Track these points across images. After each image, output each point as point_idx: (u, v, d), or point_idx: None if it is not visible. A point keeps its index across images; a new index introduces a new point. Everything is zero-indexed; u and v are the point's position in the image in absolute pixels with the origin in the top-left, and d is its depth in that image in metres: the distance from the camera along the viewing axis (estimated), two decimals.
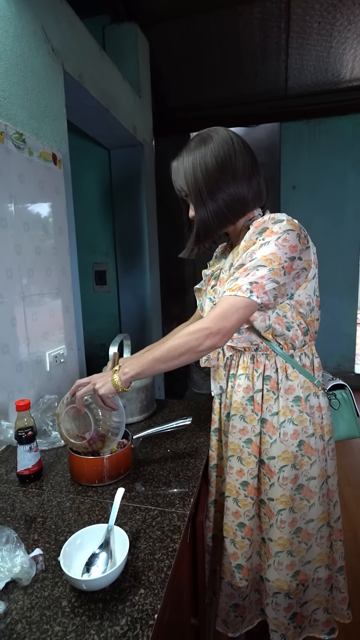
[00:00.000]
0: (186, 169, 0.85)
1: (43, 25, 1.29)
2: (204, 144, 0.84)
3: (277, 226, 0.80)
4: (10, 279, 1.14)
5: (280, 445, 0.90)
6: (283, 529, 0.90)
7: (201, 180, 0.84)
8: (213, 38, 2.50)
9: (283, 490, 0.90)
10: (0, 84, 1.09)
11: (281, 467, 0.90)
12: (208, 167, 0.83)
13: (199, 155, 0.84)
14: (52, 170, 1.35)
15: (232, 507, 0.95)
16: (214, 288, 0.97)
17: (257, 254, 0.79)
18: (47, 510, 0.81)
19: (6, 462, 1.02)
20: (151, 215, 2.53)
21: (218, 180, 0.83)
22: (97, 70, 1.72)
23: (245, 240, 0.85)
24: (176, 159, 0.88)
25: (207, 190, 0.84)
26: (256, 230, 0.83)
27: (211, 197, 0.84)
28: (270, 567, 0.93)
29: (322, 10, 2.33)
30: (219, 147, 0.83)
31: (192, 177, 0.84)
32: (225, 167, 0.83)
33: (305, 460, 0.90)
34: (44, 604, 0.59)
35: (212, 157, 0.83)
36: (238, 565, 0.96)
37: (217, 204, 0.85)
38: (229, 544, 0.96)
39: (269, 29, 2.44)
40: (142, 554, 0.68)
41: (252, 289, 0.76)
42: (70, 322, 1.49)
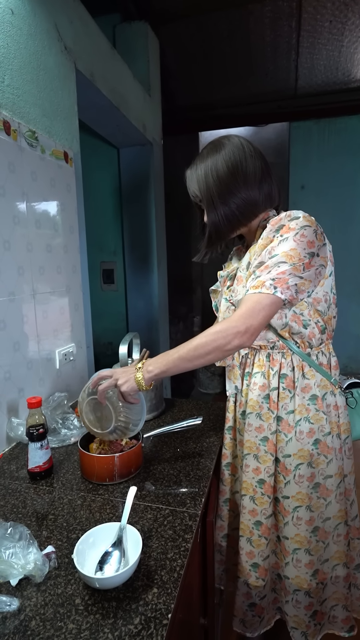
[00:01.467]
0: (199, 176, 0.89)
1: (56, 23, 1.29)
2: (216, 151, 0.88)
3: (294, 222, 0.81)
4: (21, 277, 1.14)
5: (296, 444, 0.90)
6: (300, 526, 0.91)
7: (212, 185, 0.87)
8: (223, 37, 2.49)
9: (299, 488, 0.90)
10: (14, 82, 1.09)
11: (297, 465, 0.90)
12: (219, 173, 0.86)
13: (211, 161, 0.87)
14: (63, 169, 1.35)
15: (248, 506, 0.95)
16: (230, 288, 0.98)
17: (276, 250, 0.80)
18: (59, 508, 0.81)
19: (17, 459, 1.03)
20: (159, 214, 2.53)
21: (229, 185, 0.86)
22: (108, 69, 1.72)
23: (262, 239, 0.85)
24: (190, 167, 0.92)
25: (218, 194, 0.87)
26: (273, 228, 0.84)
27: (222, 201, 0.87)
28: (288, 564, 0.93)
29: (333, 9, 2.31)
30: (230, 153, 0.87)
31: (204, 182, 0.88)
32: (236, 172, 0.86)
33: (321, 459, 0.91)
34: (57, 601, 0.59)
35: (223, 162, 0.86)
36: (254, 564, 0.96)
37: (229, 208, 0.88)
38: (245, 543, 0.96)
39: (280, 27, 2.43)
40: (155, 553, 0.68)
41: (276, 285, 0.77)
42: (79, 320, 1.49)
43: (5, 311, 1.08)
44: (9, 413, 1.10)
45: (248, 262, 0.91)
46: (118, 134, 2.14)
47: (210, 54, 2.62)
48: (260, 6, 2.29)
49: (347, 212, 3.30)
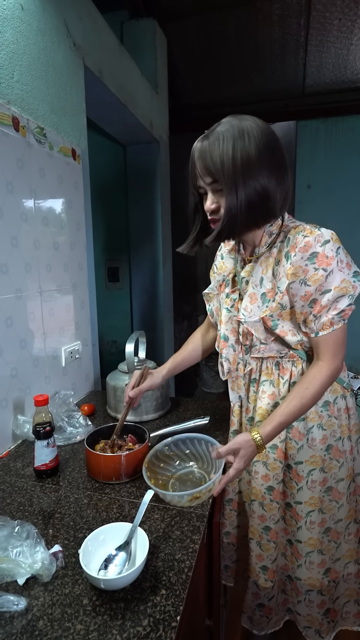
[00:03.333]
0: (224, 148, 0.73)
1: (65, 19, 1.28)
2: (243, 127, 0.74)
3: (328, 249, 0.75)
4: (28, 274, 1.14)
5: (308, 450, 0.89)
6: (313, 529, 0.91)
7: (239, 164, 0.73)
8: (231, 35, 2.47)
9: (312, 493, 0.90)
10: (23, 77, 1.09)
11: (309, 471, 0.89)
12: (249, 152, 0.73)
13: (239, 135, 0.73)
14: (71, 166, 1.34)
15: (257, 511, 0.95)
16: (229, 297, 0.92)
17: (327, 286, 0.76)
18: (65, 507, 0.81)
19: (22, 457, 1.02)
20: (165, 212, 2.52)
21: (256, 169, 0.73)
22: (117, 66, 1.71)
23: (292, 265, 0.77)
24: (205, 139, 0.76)
25: (243, 175, 0.73)
26: (304, 255, 0.76)
27: (245, 186, 0.74)
28: (301, 566, 0.93)
29: (343, 7, 2.29)
30: (261, 133, 0.74)
31: (231, 157, 0.73)
32: (264, 158, 0.74)
33: (334, 464, 0.90)
34: (65, 601, 0.59)
35: (252, 141, 0.73)
36: (263, 567, 0.96)
37: (250, 197, 0.75)
38: (255, 546, 0.97)
39: (289, 25, 2.41)
40: (162, 554, 0.68)
41: (343, 317, 0.79)
42: (85, 318, 1.49)
43: (13, 308, 1.07)
44: (15, 410, 1.10)
45: (261, 278, 0.84)
46: (125, 131, 2.13)
47: (218, 52, 2.60)
48: (269, 3, 2.27)
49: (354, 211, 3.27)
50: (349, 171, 3.23)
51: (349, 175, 3.24)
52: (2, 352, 1.04)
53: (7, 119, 1.02)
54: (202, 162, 0.76)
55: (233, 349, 0.93)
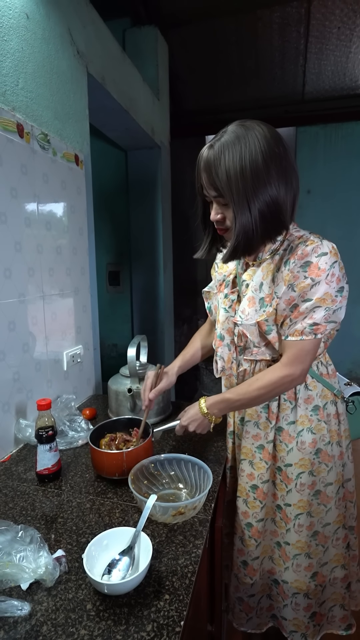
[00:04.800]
0: (230, 161, 0.71)
1: (69, 27, 1.30)
2: (247, 135, 0.72)
3: (323, 261, 0.76)
4: (31, 278, 1.15)
5: (297, 454, 0.91)
6: (301, 532, 0.92)
7: (249, 177, 0.71)
8: (232, 42, 2.50)
9: (300, 496, 0.91)
10: (28, 85, 1.10)
11: (298, 474, 0.91)
12: (256, 162, 0.71)
13: (244, 145, 0.71)
14: (74, 171, 1.35)
15: (241, 507, 0.98)
16: (227, 297, 0.94)
17: (309, 295, 0.78)
18: (67, 511, 0.81)
19: (24, 461, 1.03)
20: (166, 216, 2.53)
21: (267, 180, 0.72)
22: (119, 73, 1.73)
23: (289, 271, 0.79)
24: (210, 148, 0.74)
25: (254, 188, 0.72)
26: (298, 262, 0.78)
27: (257, 200, 0.73)
28: (288, 569, 0.95)
29: (342, 16, 2.32)
30: (267, 141, 0.72)
31: (239, 171, 0.71)
32: (274, 166, 0.73)
33: (322, 467, 0.92)
34: (68, 606, 0.59)
35: (258, 150, 0.71)
36: (244, 562, 0.98)
37: (261, 210, 0.75)
38: (237, 541, 0.99)
39: (288, 33, 2.44)
40: (165, 559, 0.68)
41: (315, 331, 0.80)
42: (87, 322, 1.49)
43: (15, 312, 1.08)
44: (17, 414, 1.10)
45: (261, 283, 0.85)
46: (127, 136, 2.15)
47: (218, 58, 2.63)
48: (269, 12, 2.31)
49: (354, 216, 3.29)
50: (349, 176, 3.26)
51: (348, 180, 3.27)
52: (5, 356, 1.04)
53: (11, 125, 1.03)
54: (208, 175, 0.75)
55: (228, 349, 0.96)
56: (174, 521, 0.76)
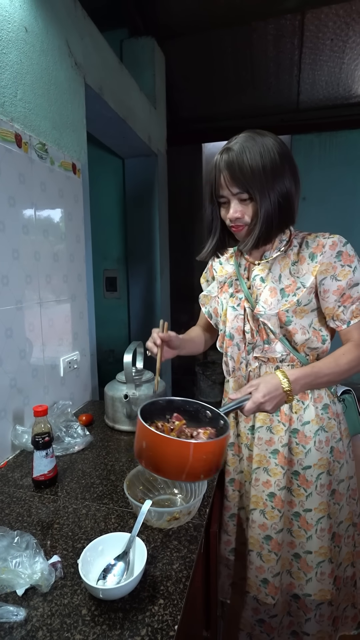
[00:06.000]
0: (255, 153, 0.79)
1: (67, 40, 1.33)
2: (261, 137, 0.82)
3: (349, 248, 0.86)
4: (29, 285, 1.16)
5: (316, 454, 0.91)
6: (323, 537, 0.91)
7: (269, 167, 0.79)
8: (227, 52, 2.55)
9: (321, 498, 0.91)
10: (26, 96, 1.12)
11: (318, 475, 0.91)
12: (273, 156, 0.80)
13: (261, 141, 0.81)
14: (71, 180, 1.37)
15: (258, 520, 0.95)
16: (234, 296, 0.96)
17: (356, 280, 0.84)
18: (64, 517, 0.82)
19: (21, 467, 1.03)
20: (163, 223, 2.55)
21: (283, 172, 0.81)
22: (116, 83, 1.76)
23: (319, 264, 0.85)
24: (229, 151, 0.81)
25: (273, 178, 0.80)
26: (332, 252, 0.84)
27: (276, 189, 0.81)
28: (310, 580, 0.92)
29: (335, 28, 2.37)
30: (278, 143, 0.82)
31: (261, 161, 0.79)
32: (286, 162, 0.82)
33: (336, 465, 0.93)
34: (64, 611, 0.59)
35: (273, 145, 0.81)
36: (264, 580, 0.95)
37: (279, 200, 0.82)
38: (255, 557, 0.95)
39: (283, 44, 2.49)
40: (160, 564, 0.68)
41: None
42: (84, 328, 1.50)
43: (13, 319, 1.09)
44: (14, 420, 1.10)
45: (279, 275, 0.89)
46: (124, 145, 2.18)
47: (214, 68, 2.68)
48: (264, 24, 2.35)
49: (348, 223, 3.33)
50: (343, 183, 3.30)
51: (342, 187, 3.31)
52: (2, 362, 1.05)
53: (10, 135, 1.05)
54: (231, 173, 0.81)
55: (237, 348, 0.96)
56: (169, 526, 0.77)
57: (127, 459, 1.07)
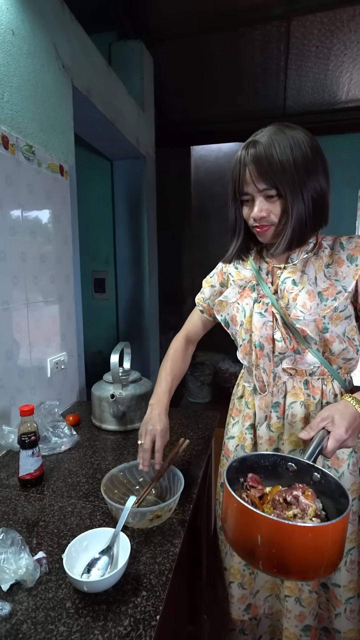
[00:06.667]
0: (285, 146, 0.72)
1: (55, 43, 1.34)
2: (290, 129, 0.75)
3: None
4: (16, 286, 1.16)
5: (349, 477, 0.83)
6: (353, 570, 0.83)
7: (301, 162, 0.72)
8: (215, 57, 2.58)
9: (352, 527, 0.82)
10: (13, 98, 1.13)
11: (351, 500, 0.78)
12: (304, 150, 0.72)
13: (291, 135, 0.73)
14: (59, 181, 1.38)
15: None
16: (259, 301, 0.85)
17: None
18: (49, 515, 0.83)
19: (7, 467, 1.03)
20: (151, 225, 2.57)
21: (315, 169, 0.74)
22: (104, 86, 1.77)
23: (357, 265, 0.79)
24: (256, 145, 0.74)
25: (306, 175, 0.73)
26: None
27: (308, 187, 0.74)
28: (339, 616, 0.84)
29: (320, 35, 2.43)
30: (309, 137, 0.76)
31: (292, 164, 0.72)
32: (319, 160, 0.75)
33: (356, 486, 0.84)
34: (48, 605, 0.60)
35: (304, 141, 0.73)
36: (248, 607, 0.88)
37: (313, 199, 0.75)
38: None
39: (269, 50, 2.53)
40: (144, 558, 0.70)
41: None
42: (71, 329, 1.51)
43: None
44: (1, 421, 1.11)
45: (315, 277, 0.81)
46: (112, 147, 2.19)
47: (203, 72, 2.71)
48: (251, 30, 2.40)
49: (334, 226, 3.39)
50: None
51: None
52: None
53: None
54: (258, 167, 0.73)
55: (268, 359, 0.84)
56: (151, 525, 0.79)
57: (113, 458, 1.08)
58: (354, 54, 2.51)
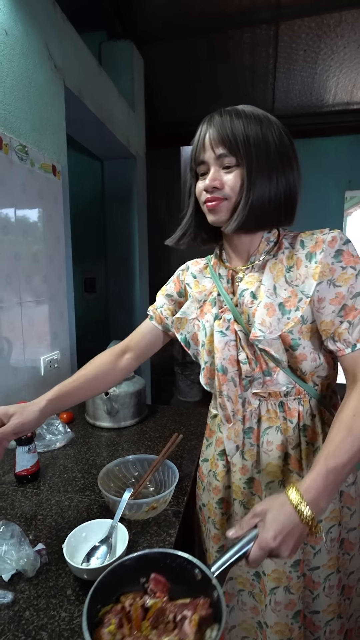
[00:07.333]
0: (249, 127, 0.64)
1: (47, 43, 1.35)
2: (268, 115, 0.67)
3: (352, 248, 0.67)
4: (9, 285, 1.17)
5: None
6: (332, 594, 0.76)
7: (272, 141, 0.64)
8: (204, 59, 2.61)
9: (329, 555, 0.75)
10: (6, 98, 1.14)
11: (329, 528, 0.74)
12: (278, 137, 0.65)
13: (265, 119, 0.66)
14: (51, 181, 1.39)
15: (249, 602, 0.81)
16: (220, 317, 0.73)
17: (359, 288, 0.65)
18: (47, 509, 0.85)
19: (2, 464, 1.04)
20: (142, 224, 2.59)
21: (289, 157, 0.66)
22: (95, 86, 1.79)
23: (319, 264, 0.65)
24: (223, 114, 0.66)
25: (279, 155, 0.65)
26: (331, 251, 0.65)
27: (279, 169, 0.65)
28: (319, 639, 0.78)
29: (307, 40, 2.48)
30: (285, 130, 0.68)
31: (261, 138, 0.64)
32: (293, 153, 0.67)
33: (345, 512, 0.76)
34: (49, 593, 0.63)
35: (279, 129, 0.66)
36: None
37: (281, 184, 0.66)
38: None
39: (258, 53, 2.58)
40: (141, 547, 0.73)
41: None
42: (64, 328, 1.52)
43: None
44: None
45: (274, 286, 0.69)
46: (103, 147, 2.20)
47: (192, 74, 2.74)
48: (240, 32, 2.43)
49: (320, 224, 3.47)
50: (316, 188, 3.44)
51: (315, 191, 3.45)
52: None
53: None
54: (219, 130, 0.65)
55: (234, 383, 0.73)
56: (147, 516, 0.81)
57: (107, 454, 1.10)
58: (340, 58, 2.57)
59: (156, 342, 0.91)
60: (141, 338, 0.91)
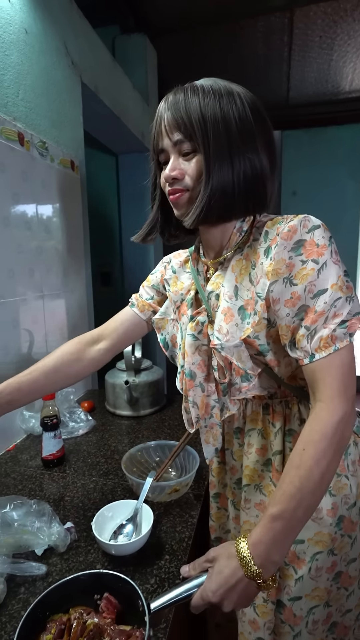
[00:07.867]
0: (207, 103, 0.56)
1: (65, 40, 1.37)
2: (228, 83, 0.60)
3: (318, 235, 0.55)
4: (32, 278, 1.21)
5: (313, 526, 0.64)
6: (316, 630, 0.68)
7: (233, 122, 0.56)
8: (217, 49, 2.59)
9: (316, 584, 0.65)
10: (27, 96, 1.16)
11: (313, 554, 0.64)
12: (240, 111, 0.57)
13: (227, 91, 0.57)
14: (70, 176, 1.42)
15: (248, 614, 0.71)
16: (194, 320, 0.67)
17: (321, 285, 0.54)
18: (73, 491, 0.89)
19: (28, 450, 1.09)
20: None
21: (252, 134, 0.57)
22: (110, 81, 1.80)
23: (272, 260, 0.56)
24: (179, 91, 0.59)
25: (240, 137, 0.56)
26: (287, 244, 0.55)
27: (241, 153, 0.57)
28: None
29: (323, 26, 2.43)
30: (253, 99, 0.59)
31: (219, 116, 0.56)
32: (262, 131, 0.59)
33: (345, 541, 0.66)
34: (80, 567, 0.66)
35: (243, 104, 0.57)
36: None
37: (244, 169, 0.57)
38: None
39: (272, 42, 2.54)
40: (165, 527, 0.76)
41: (349, 330, 0.54)
42: (83, 320, 1.56)
43: (18, 310, 1.15)
44: None
45: (235, 287, 0.62)
46: (118, 141, 2.22)
47: (204, 65, 2.72)
48: (253, 21, 2.40)
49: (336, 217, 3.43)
50: (332, 179, 3.39)
51: (331, 182, 3.40)
52: (9, 352, 1.11)
53: (13, 134, 1.09)
54: (173, 113, 0.57)
55: (202, 389, 0.68)
56: (169, 499, 0.84)
57: (128, 441, 1.14)
58: (357, 43, 2.51)
59: (134, 331, 0.84)
60: (118, 325, 0.84)
